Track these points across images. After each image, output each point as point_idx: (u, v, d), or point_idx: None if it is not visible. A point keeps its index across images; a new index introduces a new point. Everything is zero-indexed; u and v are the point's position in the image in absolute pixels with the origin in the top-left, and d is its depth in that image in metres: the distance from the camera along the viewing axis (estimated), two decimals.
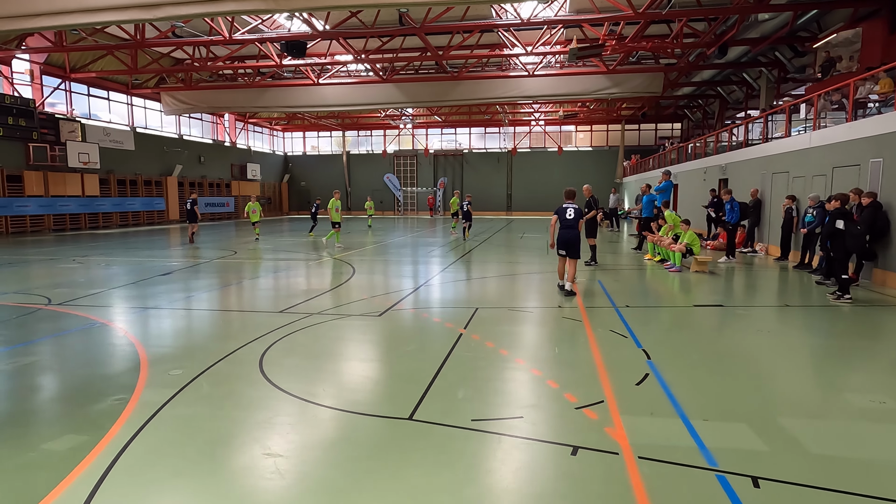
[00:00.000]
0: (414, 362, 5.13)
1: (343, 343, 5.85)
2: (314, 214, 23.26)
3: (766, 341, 5.92)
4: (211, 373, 4.84)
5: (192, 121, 35.87)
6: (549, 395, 4.27)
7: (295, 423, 3.78)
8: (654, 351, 5.45)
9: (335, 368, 4.98)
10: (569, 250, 8.86)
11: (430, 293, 8.87)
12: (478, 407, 4.05)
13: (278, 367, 4.97)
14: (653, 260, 12.91)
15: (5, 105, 22.91)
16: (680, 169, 22.96)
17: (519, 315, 7.17)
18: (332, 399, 4.20)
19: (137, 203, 30.33)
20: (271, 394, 4.32)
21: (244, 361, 5.15)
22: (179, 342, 6.03)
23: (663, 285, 9.84)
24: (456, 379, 4.65)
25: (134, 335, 6.13)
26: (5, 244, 18.40)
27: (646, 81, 25.09)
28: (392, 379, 4.71)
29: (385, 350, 5.58)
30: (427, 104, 29.87)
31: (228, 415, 3.92)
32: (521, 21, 18.51)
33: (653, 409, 4.01)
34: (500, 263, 12.99)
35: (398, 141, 45.10)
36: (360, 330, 6.37)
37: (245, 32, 20.92)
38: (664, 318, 7.08)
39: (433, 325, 6.56)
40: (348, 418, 3.85)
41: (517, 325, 6.65)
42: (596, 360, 5.18)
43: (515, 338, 6.07)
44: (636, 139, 40.36)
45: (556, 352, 5.48)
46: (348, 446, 3.44)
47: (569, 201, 9.05)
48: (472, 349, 5.53)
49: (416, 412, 3.92)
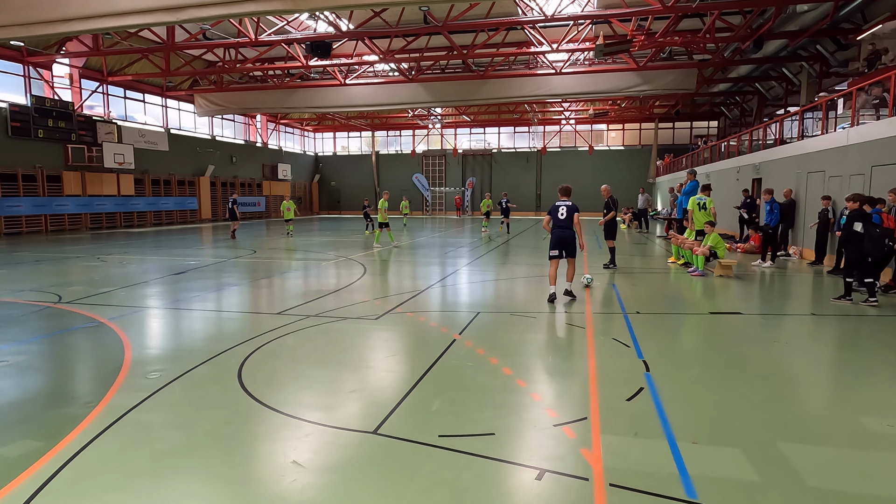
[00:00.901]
0: (396, 370, 4.92)
1: (329, 348, 5.69)
2: (366, 214, 24.65)
3: (781, 353, 5.48)
4: (188, 376, 4.75)
5: (225, 122, 36.61)
6: (529, 410, 3.99)
7: (251, 434, 3.61)
8: (655, 362, 5.10)
9: (312, 375, 4.81)
10: (565, 250, 8.20)
11: (435, 295, 8.65)
12: (449, 421, 3.81)
13: (256, 373, 4.84)
14: (676, 263, 12.37)
15: (45, 108, 23.80)
16: (712, 168, 22.11)
17: (520, 321, 6.88)
18: (299, 408, 4.03)
19: (171, 202, 31.11)
20: (239, 401, 4.18)
21: (225, 365, 5.04)
22: (168, 343, 5.98)
23: (682, 290, 9.36)
24: (435, 389, 4.42)
25: (126, 335, 6.11)
26: (42, 242, 19.06)
27: (678, 78, 24.25)
28: (368, 388, 4.51)
29: (370, 356, 5.39)
30: (453, 103, 29.67)
31: (189, 422, 3.79)
32: (546, 17, 18.09)
33: (639, 428, 3.69)
34: (517, 265, 12.68)
35: (427, 141, 45.05)
36: (352, 334, 6.20)
37: (272, 34, 21.14)
38: (674, 326, 6.68)
39: (428, 330, 6.34)
40: (309, 431, 3.66)
41: (515, 332, 6.37)
42: (590, 371, 4.87)
43: (510, 345, 5.80)
44: (670, 138, 39.22)
45: (550, 361, 5.18)
46: (307, 465, 3.25)
47: (563, 199, 8.51)
48: (461, 357, 5.29)
49: (383, 426, 3.70)
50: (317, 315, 7.11)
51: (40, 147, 23.84)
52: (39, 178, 23.80)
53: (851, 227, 7.62)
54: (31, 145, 23.41)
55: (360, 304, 7.84)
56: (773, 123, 17.45)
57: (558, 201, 8.58)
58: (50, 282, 9.97)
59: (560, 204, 8.52)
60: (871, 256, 7.62)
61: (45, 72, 24.50)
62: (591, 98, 32.42)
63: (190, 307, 7.71)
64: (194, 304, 7.97)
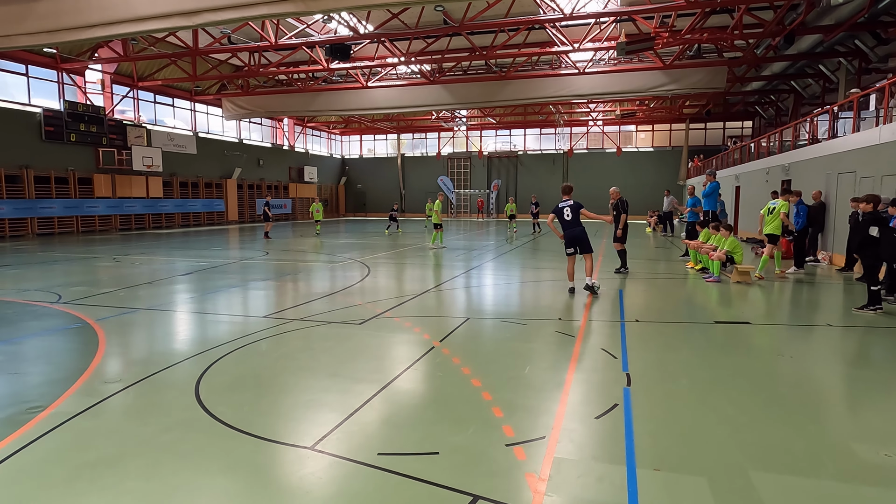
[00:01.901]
0: (360, 379, 4.69)
1: (301, 354, 5.50)
2: (392, 216, 25.74)
3: (782, 368, 5.04)
4: (149, 381, 4.63)
5: (252, 125, 37.20)
6: (485, 426, 3.71)
7: (185, 445, 3.44)
8: (639, 375, 4.74)
9: (273, 383, 4.62)
10: (580, 247, 8.56)
11: (430, 299, 8.41)
12: (396, 437, 3.56)
13: (217, 378, 4.69)
14: (694, 268, 11.82)
15: (78, 113, 24.57)
16: (742, 170, 21.24)
17: (509, 328, 6.58)
18: (245, 418, 3.84)
19: (198, 204, 31.73)
20: (187, 409, 4.02)
21: (189, 370, 4.91)
22: (143, 346, 5.90)
23: (693, 297, 8.87)
24: (393, 401, 4.18)
25: (106, 338, 6.06)
26: (70, 242, 19.61)
27: (707, 77, 23.40)
28: (324, 398, 4.29)
29: (340, 364, 5.18)
30: (476, 105, 29.39)
31: (127, 431, 3.65)
32: (565, 15, 17.67)
33: (599, 451, 3.37)
34: (527, 269, 12.34)
35: (452, 143, 44.89)
36: (330, 339, 6.01)
37: (292, 37, 21.31)
38: (672, 336, 6.26)
39: (409, 337, 6.10)
40: (246, 444, 3.46)
41: (499, 340, 6.08)
42: (565, 384, 4.55)
43: (489, 354, 5.51)
44: (702, 139, 38.03)
45: (525, 373, 4.87)
46: (226, 479, 3.05)
47: (565, 198, 8.71)
48: (433, 366, 5.03)
49: (323, 441, 3.48)
50: (302, 319, 6.96)
51: (72, 150, 24.62)
52: (71, 181, 24.56)
53: (867, 231, 7.05)
54: (63, 149, 24.19)
55: (351, 308, 7.65)
56: (801, 122, 16.62)
57: (561, 202, 8.76)
58: (57, 281, 10.13)
59: (563, 205, 8.70)
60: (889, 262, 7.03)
61: (78, 78, 25.31)
62: (617, 98, 31.72)
63: (180, 309, 7.67)
64: (186, 305, 7.93)
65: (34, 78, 23.51)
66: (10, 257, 14.58)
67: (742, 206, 20.77)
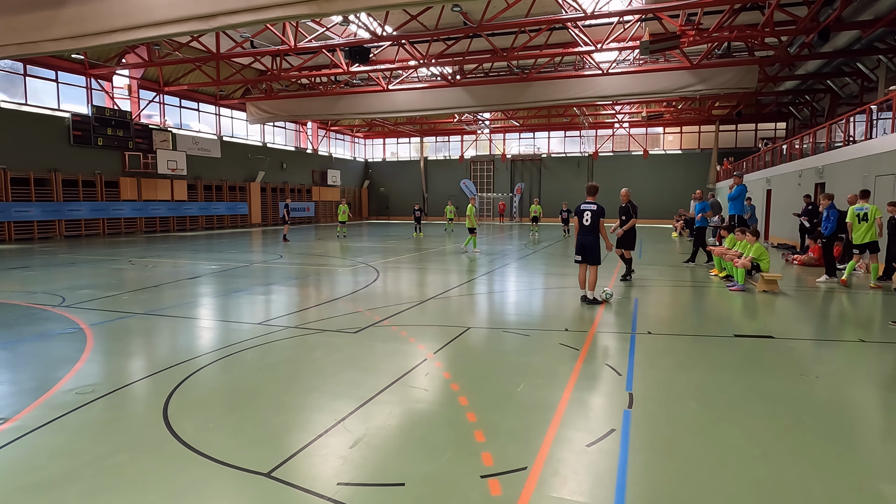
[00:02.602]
0: (339, 394, 4.40)
1: (285, 365, 5.24)
2: (418, 219, 26.25)
3: (806, 391, 4.56)
4: (120, 393, 4.42)
5: (276, 129, 37.52)
6: (462, 453, 3.37)
7: (131, 467, 3.18)
8: (642, 397, 4.33)
9: (247, 397, 4.36)
10: (585, 256, 8.15)
11: (434, 307, 8.08)
12: (363, 464, 3.24)
13: (191, 391, 4.46)
14: (717, 276, 11.23)
15: (105, 117, 25.06)
16: (773, 173, 20.37)
17: (510, 338, 6.21)
18: (205, 438, 3.58)
19: (222, 207, 32.08)
20: (148, 425, 3.78)
21: (165, 382, 4.68)
22: (127, 354, 5.72)
23: (714, 308, 8.35)
24: (368, 421, 3.86)
25: (93, 344, 5.92)
26: (95, 244, 19.93)
27: (737, 76, 22.56)
28: (296, 417, 4.01)
29: (322, 377, 4.90)
30: (497, 107, 29.01)
31: (78, 450, 3.42)
32: (585, 14, 17.18)
33: (583, 486, 2.99)
34: (543, 275, 11.92)
35: (475, 146, 44.56)
36: (319, 349, 5.74)
37: (312, 40, 21.31)
38: (685, 350, 5.80)
39: (402, 348, 5.78)
40: (198, 468, 3.19)
41: (496, 352, 5.72)
42: (560, 404, 4.17)
43: (483, 368, 5.15)
44: (732, 141, 36.86)
45: (519, 390, 4.51)
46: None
47: (589, 200, 8.28)
48: (420, 381, 4.71)
49: (282, 467, 3.18)
50: (297, 326, 6.72)
51: (99, 154, 25.12)
52: (98, 184, 25.05)
53: None
54: (91, 152, 24.69)
55: (349, 315, 7.39)
56: (835, 123, 15.78)
57: (584, 203, 8.35)
58: (67, 284, 10.15)
59: (585, 207, 8.28)
60: None
61: (105, 83, 25.83)
62: (643, 100, 31.00)
63: (177, 314, 7.51)
64: (184, 310, 7.78)
65: (63, 84, 24.06)
66: (32, 259, 14.81)
67: (773, 211, 19.91)
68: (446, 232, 26.69)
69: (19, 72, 22.35)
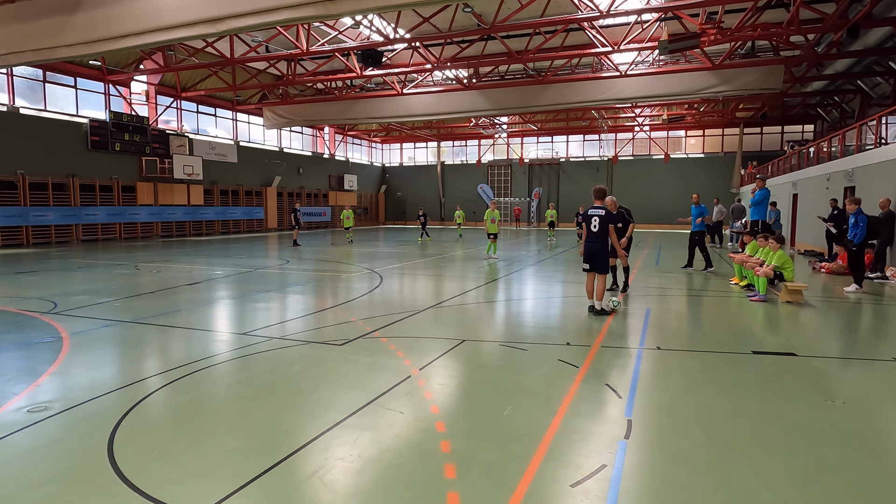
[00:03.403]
0: (304, 417, 4.02)
1: (256, 381, 4.88)
2: (423, 224, 25.66)
3: (829, 419, 4.03)
4: (74, 412, 4.11)
5: (293, 134, 37.60)
6: (427, 492, 2.95)
7: (58, 503, 2.85)
8: (644, 424, 3.86)
9: (205, 419, 4.01)
10: (593, 264, 7.72)
11: (430, 316, 7.68)
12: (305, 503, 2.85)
13: (149, 410, 4.13)
14: (738, 285, 10.61)
15: (122, 123, 25.29)
16: (800, 176, 19.53)
17: (506, 353, 5.77)
18: (144, 468, 3.22)
19: (238, 212, 32.17)
20: (89, 451, 3.45)
21: (125, 399, 4.37)
22: (98, 366, 5.41)
23: (732, 319, 7.77)
24: (328, 451, 3.47)
25: (67, 355, 5.65)
26: (108, 248, 20.01)
27: (761, 77, 21.76)
28: (249, 444, 3.63)
29: (291, 396, 4.52)
30: (513, 111, 28.54)
31: (6, 478, 3.09)
32: (601, 13, 16.67)
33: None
34: (553, 283, 11.42)
35: (493, 150, 44.11)
36: (298, 363, 5.38)
37: (324, 43, 21.15)
38: (697, 369, 5.29)
39: (387, 362, 5.39)
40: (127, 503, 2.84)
41: (488, 369, 5.28)
42: (548, 432, 3.73)
43: (470, 387, 4.73)
44: (757, 144, 35.77)
45: (506, 413, 4.07)
46: None
47: (597, 204, 7.74)
48: (398, 401, 4.30)
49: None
50: (282, 337, 6.38)
51: (117, 159, 25.34)
52: (115, 189, 25.26)
53: None
54: (108, 157, 24.92)
55: (340, 325, 7.03)
56: (866, 123, 14.98)
57: (592, 208, 7.80)
58: (64, 289, 10.00)
59: (593, 213, 7.72)
60: None
61: (123, 89, 26.09)
62: (663, 102, 30.20)
63: (163, 323, 7.23)
64: (171, 318, 7.50)
65: (82, 90, 24.35)
66: (42, 263, 14.83)
67: (800, 216, 19.06)
68: (461, 238, 26.31)
69: (39, 78, 22.66)
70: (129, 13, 14.70)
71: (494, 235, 15.91)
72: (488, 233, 16.03)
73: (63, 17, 15.71)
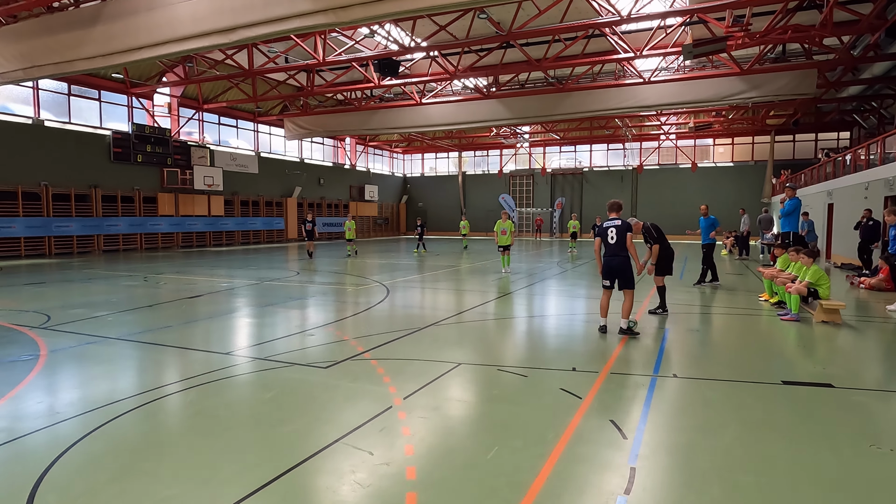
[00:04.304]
0: (260, 458, 3.56)
1: (221, 411, 4.44)
2: (420, 235, 24.74)
3: (877, 471, 3.38)
4: (16, 444, 3.73)
5: (314, 145, 37.72)
6: None
7: None
8: (648, 474, 3.29)
9: (150, 456, 3.59)
10: (615, 280, 7.14)
11: (430, 335, 7.17)
12: None
13: (94, 445, 3.73)
14: (768, 302, 9.85)
15: (145, 135, 25.60)
16: (836, 185, 18.50)
17: (503, 380, 5.23)
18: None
19: (258, 223, 32.27)
20: (12, 496, 3.05)
21: (75, 429, 3.98)
22: (64, 389, 5.06)
23: (761, 342, 7.08)
24: (270, 502, 3.00)
25: (36, 375, 5.33)
26: (127, 259, 20.08)
27: (793, 81, 20.84)
28: (185, 490, 3.18)
29: (253, 429, 4.06)
30: (533, 119, 28.02)
31: None
32: (622, 18, 16.09)
33: None
34: (567, 298, 10.83)
35: (515, 160, 43.57)
36: (274, 389, 4.93)
37: (341, 53, 21.02)
38: (718, 403, 4.67)
39: (370, 389, 4.90)
40: None
41: (480, 400, 4.75)
42: (534, 484, 3.18)
43: (454, 422, 4.20)
44: (789, 152, 34.45)
45: (489, 457, 3.54)
46: None
47: (612, 217, 7.19)
48: (369, 440, 3.80)
49: None
50: (266, 358, 5.96)
51: (138, 170, 25.63)
52: (137, 200, 25.52)
53: None
54: (130, 169, 25.21)
55: (332, 345, 6.59)
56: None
57: (607, 220, 7.28)
58: (63, 302, 9.83)
59: (609, 224, 7.17)
60: None
61: (147, 101, 26.44)
62: (689, 109, 29.35)
63: (148, 340, 6.88)
64: (158, 335, 7.15)
65: (106, 102, 24.73)
66: (54, 274, 14.84)
67: (835, 226, 18.01)
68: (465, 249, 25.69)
69: (64, 92, 23.06)
70: (146, 25, 14.81)
71: (507, 248, 15.19)
72: (499, 245, 15.23)
73: (82, 30, 15.91)
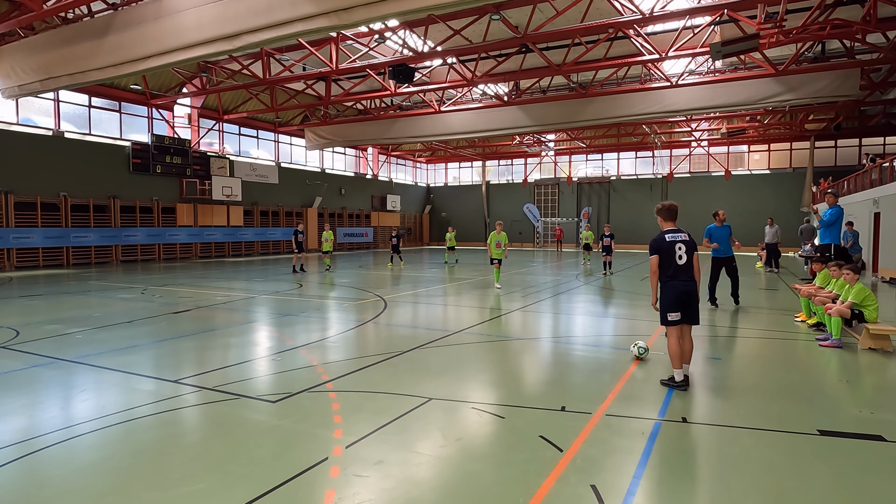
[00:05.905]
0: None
1: (126, 460, 3.72)
2: (395, 246, 23.32)
3: None
4: None
5: (336, 155, 37.53)
6: None
7: None
8: None
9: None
10: (687, 311, 5.39)
11: (408, 361, 6.38)
12: None
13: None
14: (805, 323, 8.74)
15: (164, 145, 25.67)
16: (883, 192, 17.02)
17: (473, 422, 4.40)
18: None
19: (278, 233, 32.09)
20: None
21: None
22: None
23: (794, 376, 6.04)
24: None
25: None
26: (146, 269, 19.94)
27: (834, 83, 19.47)
28: None
29: (153, 487, 3.35)
30: (556, 126, 27.10)
31: None
32: (644, 16, 15.15)
33: None
34: (581, 315, 9.89)
35: (540, 169, 42.55)
36: (203, 430, 4.23)
37: (355, 60, 20.60)
38: (734, 459, 3.74)
39: (312, 433, 4.14)
40: None
41: (440, 451, 3.92)
42: None
43: (398, 485, 3.39)
44: (831, 158, 32.54)
45: None
46: None
47: (670, 226, 5.64)
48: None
49: None
50: (213, 388, 5.26)
51: (158, 181, 25.69)
52: (155, 210, 25.55)
53: None
54: (149, 179, 25.28)
55: (294, 372, 5.87)
56: None
57: (669, 232, 5.55)
58: (43, 317, 9.41)
59: (674, 238, 5.48)
60: None
61: (167, 113, 26.57)
62: (721, 114, 27.96)
63: (101, 363, 6.28)
64: (115, 358, 6.54)
65: (126, 114, 24.91)
66: (57, 286, 14.64)
67: (883, 237, 16.53)
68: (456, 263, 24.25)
69: (85, 104, 23.28)
70: (153, 34, 14.82)
71: (499, 262, 14.09)
72: (492, 258, 14.13)
73: (94, 41, 15.97)
